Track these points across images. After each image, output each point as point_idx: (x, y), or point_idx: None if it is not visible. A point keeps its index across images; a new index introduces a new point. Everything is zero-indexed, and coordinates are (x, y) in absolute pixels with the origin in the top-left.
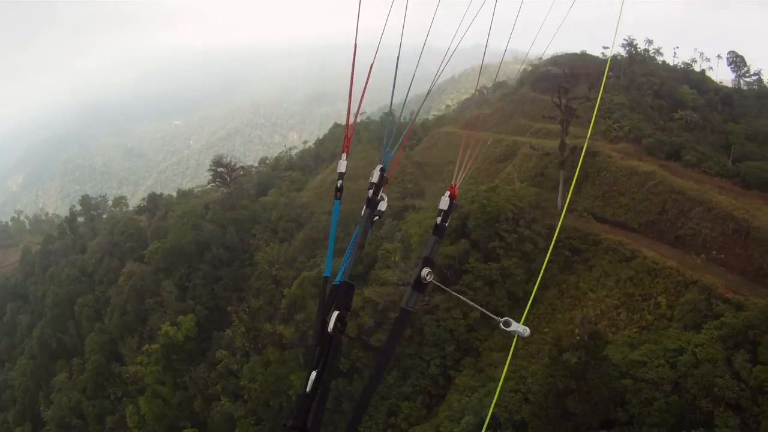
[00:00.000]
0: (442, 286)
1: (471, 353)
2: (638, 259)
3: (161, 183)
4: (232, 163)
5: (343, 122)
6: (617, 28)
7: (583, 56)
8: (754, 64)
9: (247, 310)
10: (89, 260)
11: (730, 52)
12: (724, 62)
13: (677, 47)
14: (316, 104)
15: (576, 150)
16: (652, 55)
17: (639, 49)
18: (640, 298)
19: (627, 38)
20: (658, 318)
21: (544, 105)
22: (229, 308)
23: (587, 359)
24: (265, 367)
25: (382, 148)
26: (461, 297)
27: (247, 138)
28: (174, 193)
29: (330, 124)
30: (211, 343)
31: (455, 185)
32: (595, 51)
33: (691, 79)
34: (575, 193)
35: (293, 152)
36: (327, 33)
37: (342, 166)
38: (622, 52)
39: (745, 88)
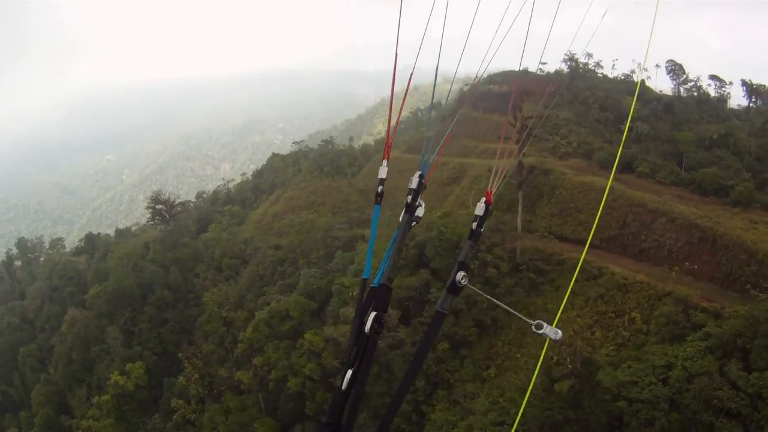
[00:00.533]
0: (477, 290)
1: (442, 386)
2: (606, 275)
3: (96, 220)
4: (171, 200)
5: (277, 150)
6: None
7: (523, 73)
8: (691, 71)
9: (199, 355)
10: (29, 306)
11: (668, 60)
12: (662, 71)
13: (616, 59)
14: (247, 134)
15: (534, 170)
16: (593, 68)
17: (580, 63)
18: (613, 315)
19: (568, 53)
20: (634, 334)
21: (488, 125)
22: (180, 354)
23: (581, 387)
24: (225, 415)
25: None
26: (494, 300)
27: (180, 171)
28: (111, 232)
29: (261, 154)
30: (162, 390)
31: (491, 192)
32: (528, 66)
33: (632, 90)
34: (531, 212)
35: (231, 185)
36: (254, 64)
37: (383, 172)
38: (563, 66)
39: (685, 95)
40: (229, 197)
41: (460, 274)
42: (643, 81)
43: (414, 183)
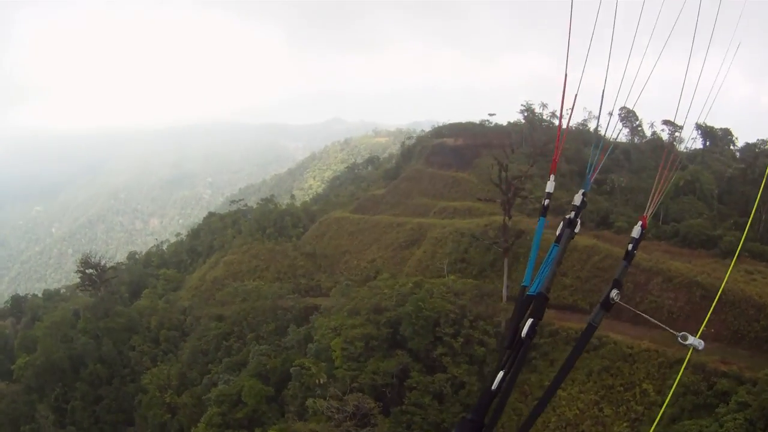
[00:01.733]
0: (628, 306)
1: None
2: (608, 345)
3: (25, 273)
4: (102, 263)
5: (206, 205)
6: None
7: (473, 125)
8: (644, 117)
9: None
10: None
11: (622, 107)
12: (613, 118)
13: (570, 108)
14: (175, 187)
15: (523, 234)
16: (548, 118)
17: (536, 114)
18: (621, 388)
19: (525, 103)
20: (649, 407)
21: (444, 181)
22: None
23: None
24: None
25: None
26: (644, 315)
27: (109, 225)
28: (41, 286)
29: (190, 209)
30: None
31: (646, 217)
32: (474, 118)
33: (589, 139)
34: (509, 278)
35: (164, 245)
36: (182, 114)
37: (550, 186)
38: (519, 117)
39: (638, 141)
40: (163, 259)
41: (614, 292)
42: (596, 129)
43: (577, 201)
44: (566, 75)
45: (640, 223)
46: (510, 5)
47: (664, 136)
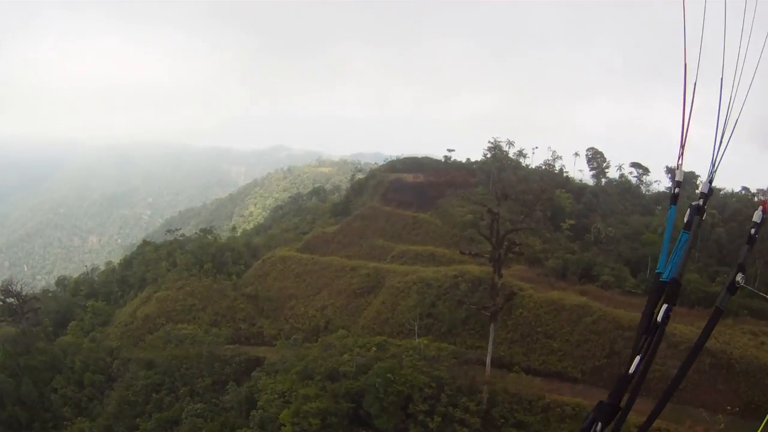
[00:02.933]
0: (754, 290)
1: None
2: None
3: None
4: (24, 293)
5: (145, 226)
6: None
7: (431, 161)
8: (612, 158)
9: None
10: None
11: (589, 148)
12: (580, 158)
13: (536, 147)
14: (116, 206)
15: (514, 296)
16: (515, 157)
17: (504, 152)
18: None
19: (492, 140)
20: None
21: (403, 222)
22: None
23: None
24: None
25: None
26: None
27: (47, 240)
28: None
29: (129, 228)
30: None
31: (766, 202)
32: (432, 153)
33: (557, 181)
34: (482, 337)
35: (95, 273)
36: (126, 132)
37: (679, 175)
38: (483, 153)
39: (604, 182)
40: (93, 289)
41: (740, 276)
42: (561, 171)
43: (705, 188)
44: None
45: (760, 208)
46: (469, 43)
47: (632, 179)
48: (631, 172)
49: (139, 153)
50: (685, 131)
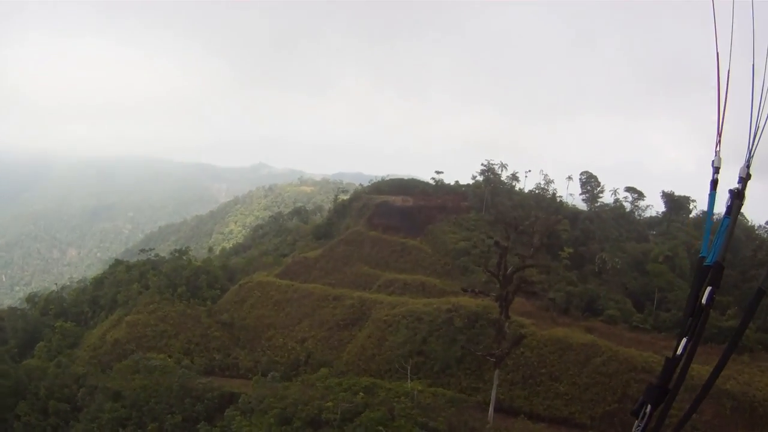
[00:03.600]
0: None
1: None
2: None
3: None
4: None
5: (125, 240)
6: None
7: (419, 183)
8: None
9: None
10: None
11: (583, 172)
12: (573, 182)
13: (529, 170)
14: (96, 219)
15: (522, 339)
16: (508, 181)
17: (496, 174)
18: None
19: (486, 163)
20: None
21: (390, 248)
22: None
23: None
24: None
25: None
26: None
27: (27, 251)
28: None
29: (109, 242)
30: None
31: None
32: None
33: (549, 206)
34: (478, 377)
35: (65, 292)
36: (110, 146)
37: (717, 161)
38: (475, 177)
39: (597, 207)
40: (63, 308)
41: None
42: (553, 195)
43: (743, 173)
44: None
45: None
46: (458, 61)
47: (627, 204)
48: (626, 197)
49: (120, 167)
50: (721, 119)
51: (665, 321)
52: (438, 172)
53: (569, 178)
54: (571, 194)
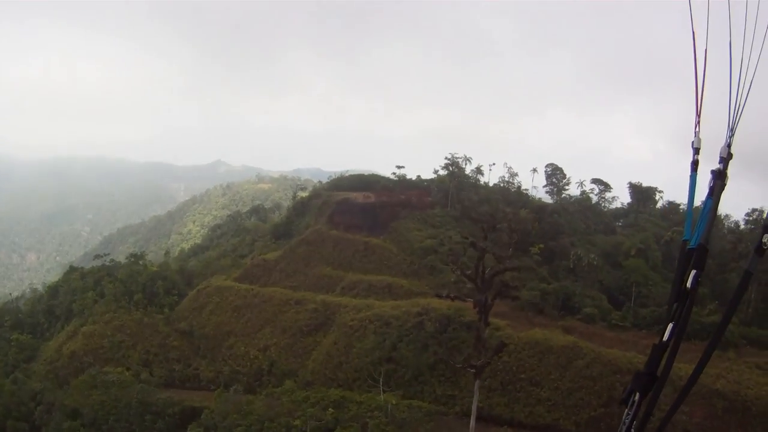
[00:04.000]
0: None
1: None
2: None
3: None
4: None
5: (84, 243)
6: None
7: (380, 179)
8: (572, 175)
9: None
10: None
11: (548, 164)
12: (538, 175)
13: (493, 163)
14: (55, 222)
15: (503, 347)
16: (472, 174)
17: (462, 169)
18: None
19: (450, 156)
20: None
21: (353, 248)
22: None
23: None
24: None
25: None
26: None
27: None
28: None
29: (68, 245)
30: None
31: None
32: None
33: (516, 200)
34: (454, 384)
35: (21, 302)
36: (64, 146)
37: (697, 142)
38: (438, 170)
39: (563, 197)
40: (18, 319)
41: (766, 236)
42: (525, 191)
43: (724, 152)
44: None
45: None
46: (418, 56)
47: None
48: (592, 189)
49: (77, 168)
50: (699, 99)
51: (645, 317)
52: (399, 167)
53: (534, 170)
54: (535, 187)
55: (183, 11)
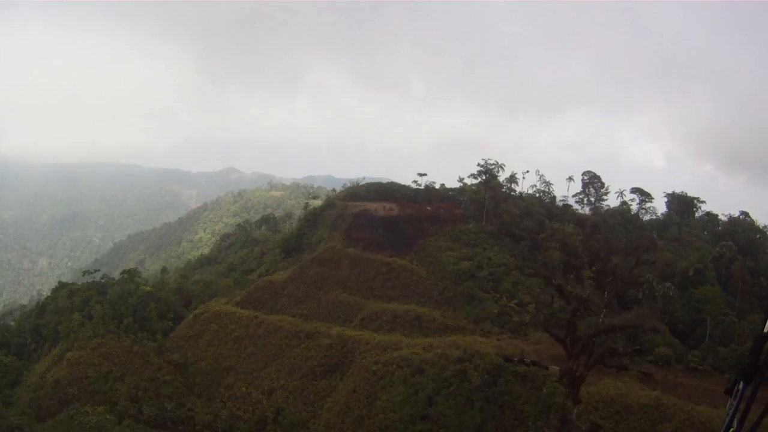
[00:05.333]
0: None
1: None
2: None
3: None
4: None
5: (96, 249)
6: None
7: (401, 188)
8: (612, 183)
9: None
10: None
11: (585, 171)
12: (574, 184)
13: (527, 171)
14: (67, 228)
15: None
16: (506, 183)
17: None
18: None
19: (483, 163)
20: None
21: (374, 268)
22: None
23: None
24: None
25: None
26: None
27: None
28: None
29: (80, 251)
30: None
31: None
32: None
33: (553, 213)
34: None
35: (11, 319)
36: (77, 148)
37: None
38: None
39: (605, 209)
40: (5, 339)
41: None
42: (561, 201)
43: None
44: None
45: None
46: (435, 60)
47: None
48: (633, 199)
49: (89, 174)
50: None
51: (726, 359)
52: (421, 174)
53: (570, 179)
54: (564, 196)
55: (198, 18)
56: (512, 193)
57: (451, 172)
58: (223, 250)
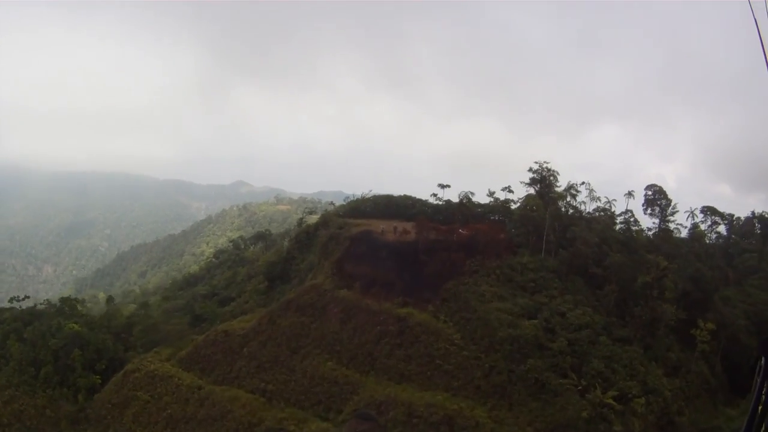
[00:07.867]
0: None
1: None
2: None
3: None
4: None
5: (102, 258)
6: None
7: (415, 202)
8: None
9: None
10: None
11: (648, 185)
12: (631, 199)
13: (582, 182)
14: (73, 236)
15: None
16: (566, 194)
17: (553, 187)
18: None
19: (538, 167)
20: None
21: (375, 322)
22: None
23: None
24: None
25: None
26: None
27: (2, 267)
28: None
29: (85, 260)
30: None
31: None
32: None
33: (637, 241)
34: None
35: None
36: (85, 156)
37: None
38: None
39: (671, 227)
40: None
41: None
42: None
43: None
44: None
45: None
46: (459, 72)
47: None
48: (703, 221)
49: (96, 182)
50: None
51: None
52: (443, 186)
53: (630, 194)
54: (625, 215)
55: (209, 26)
56: (575, 212)
57: (473, 188)
58: (212, 269)
